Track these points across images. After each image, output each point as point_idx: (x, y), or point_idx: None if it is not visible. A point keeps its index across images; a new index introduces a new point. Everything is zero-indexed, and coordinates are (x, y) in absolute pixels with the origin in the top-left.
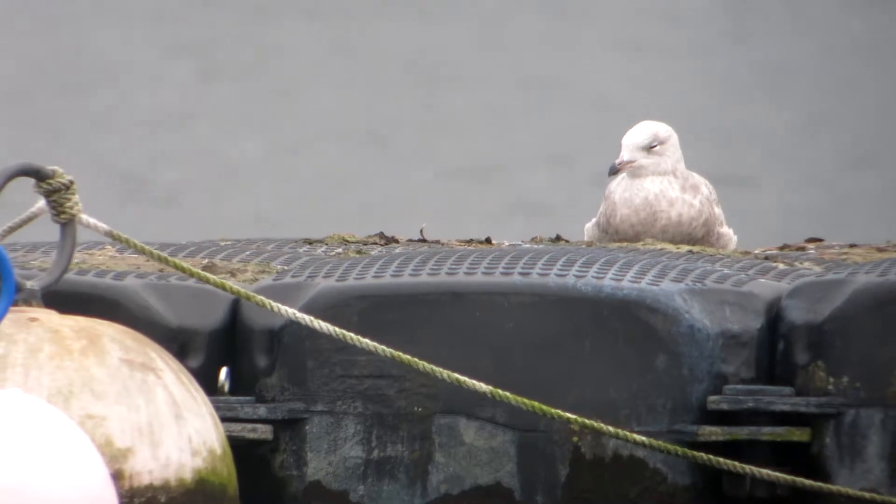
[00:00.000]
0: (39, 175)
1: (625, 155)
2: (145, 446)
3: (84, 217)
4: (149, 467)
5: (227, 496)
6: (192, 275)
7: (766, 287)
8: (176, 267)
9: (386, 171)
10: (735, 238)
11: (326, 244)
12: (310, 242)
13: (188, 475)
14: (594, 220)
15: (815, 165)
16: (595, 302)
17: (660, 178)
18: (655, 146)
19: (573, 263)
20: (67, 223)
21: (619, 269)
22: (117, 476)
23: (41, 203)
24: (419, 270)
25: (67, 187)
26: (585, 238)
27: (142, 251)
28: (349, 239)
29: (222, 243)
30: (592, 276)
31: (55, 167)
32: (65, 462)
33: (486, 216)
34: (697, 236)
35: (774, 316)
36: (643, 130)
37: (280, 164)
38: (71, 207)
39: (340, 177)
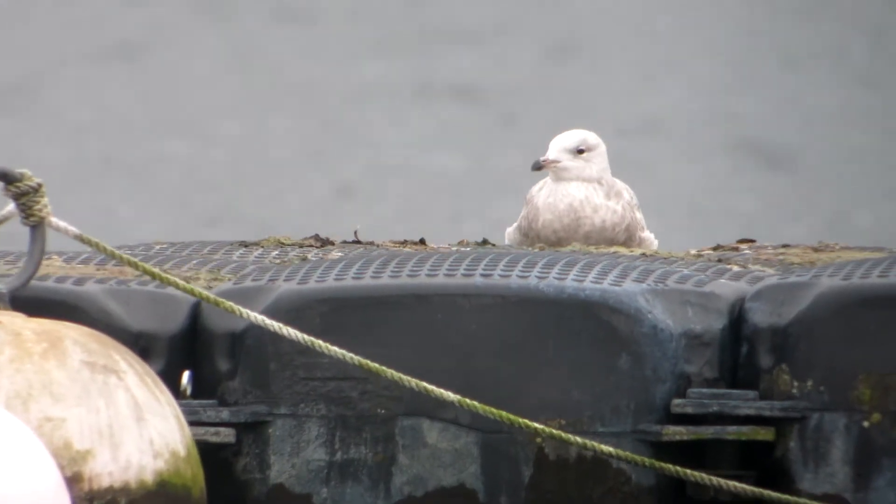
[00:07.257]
0: (8, 178)
1: (550, 154)
2: (105, 448)
3: (53, 220)
4: (108, 469)
5: (191, 498)
6: (161, 280)
7: (727, 288)
8: (146, 272)
9: None
10: (656, 242)
11: (263, 247)
12: (245, 245)
13: (149, 477)
14: (515, 224)
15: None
16: (557, 303)
17: (585, 184)
18: (583, 151)
19: (535, 265)
20: (37, 226)
21: (580, 269)
22: (77, 478)
23: (10, 206)
24: (380, 272)
25: (36, 190)
26: (506, 242)
27: (112, 255)
28: (285, 241)
29: (157, 247)
30: (554, 277)
31: (24, 170)
32: (16, 467)
33: None
34: (619, 240)
35: (737, 317)
36: (573, 135)
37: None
38: (40, 210)
39: None
